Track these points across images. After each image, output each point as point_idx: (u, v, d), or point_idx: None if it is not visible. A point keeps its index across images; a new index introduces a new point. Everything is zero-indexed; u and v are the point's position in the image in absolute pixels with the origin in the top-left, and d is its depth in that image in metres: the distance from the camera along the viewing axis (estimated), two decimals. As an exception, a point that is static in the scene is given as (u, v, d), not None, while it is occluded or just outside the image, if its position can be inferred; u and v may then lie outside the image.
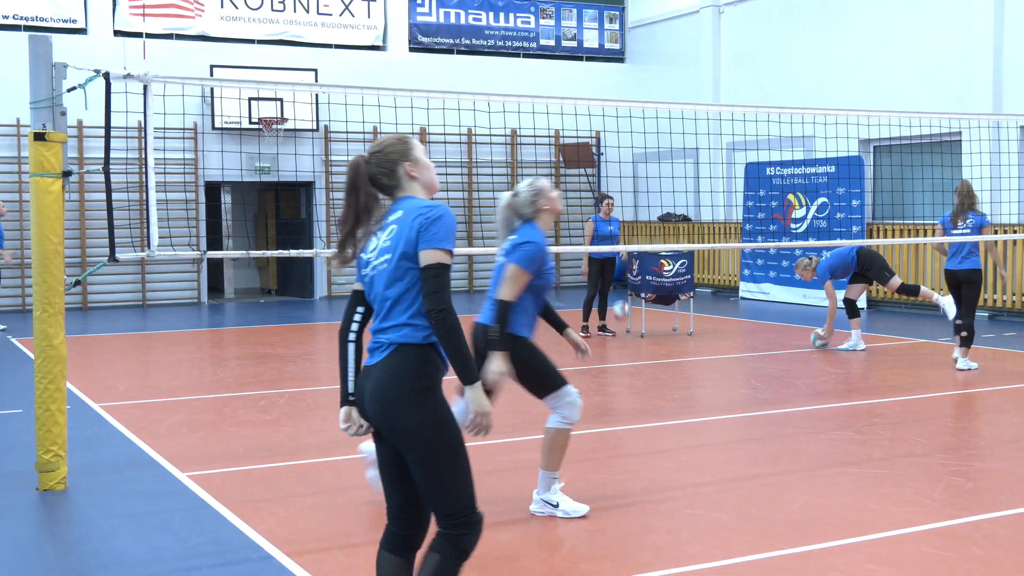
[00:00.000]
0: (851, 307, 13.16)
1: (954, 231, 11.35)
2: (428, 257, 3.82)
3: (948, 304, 11.61)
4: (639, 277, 14.70)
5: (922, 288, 12.78)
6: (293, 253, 9.47)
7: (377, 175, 4.06)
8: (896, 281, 12.78)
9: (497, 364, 5.78)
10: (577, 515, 6.13)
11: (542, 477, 6.22)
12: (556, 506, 6.16)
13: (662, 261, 14.66)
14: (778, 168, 19.52)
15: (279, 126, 19.85)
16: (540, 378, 6.12)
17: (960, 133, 16.62)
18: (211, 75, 19.02)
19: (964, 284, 11.34)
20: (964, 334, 11.37)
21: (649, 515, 6.22)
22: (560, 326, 6.36)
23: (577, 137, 22.02)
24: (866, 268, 13.09)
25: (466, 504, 3.89)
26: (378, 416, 3.93)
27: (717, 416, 9.25)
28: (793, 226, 19.19)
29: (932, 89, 17.31)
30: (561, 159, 22.99)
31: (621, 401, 10.31)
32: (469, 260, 22.34)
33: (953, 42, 17.23)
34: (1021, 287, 15.86)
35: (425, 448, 3.82)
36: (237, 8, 20.82)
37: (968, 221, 11.32)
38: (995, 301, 16.23)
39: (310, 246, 20.75)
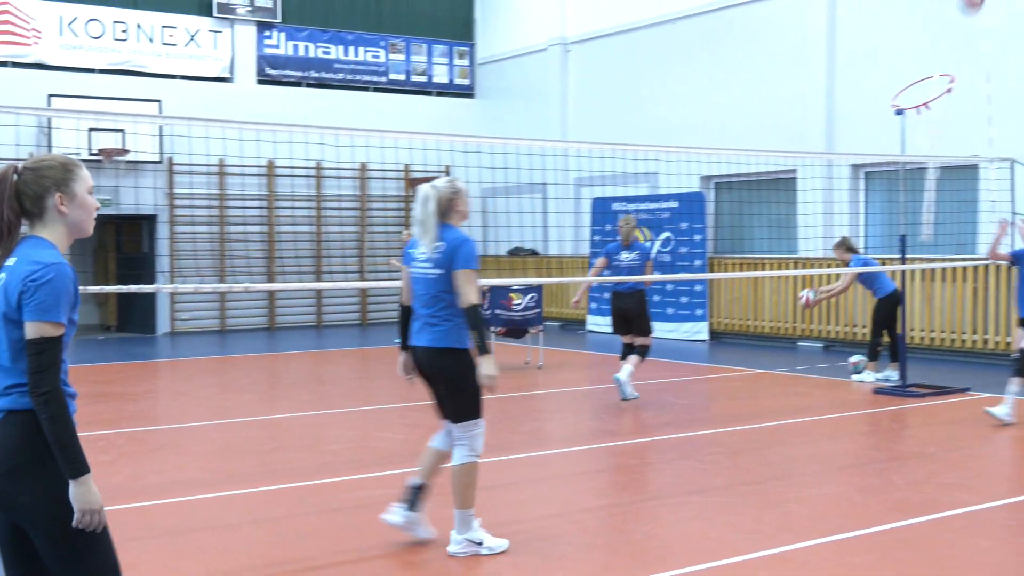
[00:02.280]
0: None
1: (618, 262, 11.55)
2: (31, 330, 3.25)
3: None
4: (489, 311, 14.78)
5: None
6: (134, 288, 9.16)
7: (22, 195, 3.43)
8: None
9: (488, 367, 5.78)
10: (500, 550, 6.03)
11: (459, 517, 6.02)
12: (480, 544, 6.01)
13: (511, 295, 14.80)
14: (624, 203, 19.93)
15: (120, 158, 19.35)
16: (470, 400, 6.00)
17: (795, 171, 17.26)
18: (48, 104, 18.44)
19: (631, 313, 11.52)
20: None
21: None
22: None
23: (427, 171, 22.08)
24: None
25: None
26: None
27: (564, 448, 9.35)
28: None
29: (769, 128, 17.96)
30: (411, 193, 23.00)
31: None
32: (318, 295, 22.12)
33: (789, 84, 17.93)
34: (851, 319, 16.51)
35: (50, 529, 3.34)
36: (77, 36, 20.28)
37: (635, 254, 11.51)
38: (829, 332, 16.86)
39: (152, 281, 20.24)
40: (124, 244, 22.35)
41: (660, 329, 18.93)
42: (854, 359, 13.61)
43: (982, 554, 6.04)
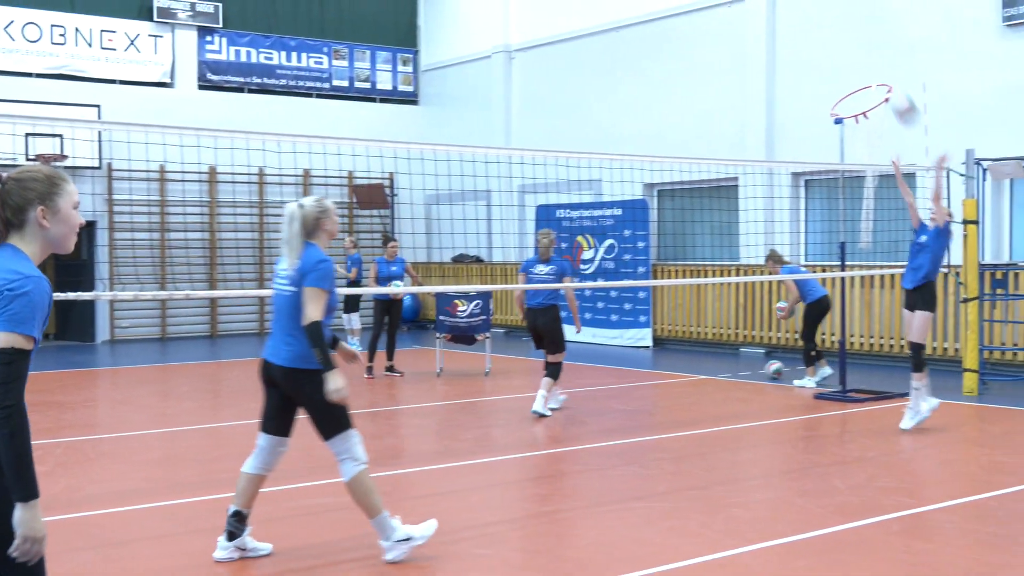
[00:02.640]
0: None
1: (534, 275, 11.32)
2: (1, 340, 3.13)
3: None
4: (438, 317, 14.87)
5: None
6: (72, 296, 9.02)
7: (4, 204, 3.32)
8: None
9: (334, 382, 5.76)
10: (431, 532, 6.10)
11: (376, 525, 5.98)
12: (410, 539, 5.99)
13: (456, 301, 14.81)
14: (568, 210, 20.00)
15: (58, 163, 19.07)
16: (335, 414, 5.94)
17: (737, 178, 17.43)
18: (-15, 109, 18.11)
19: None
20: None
21: (441, 556, 6.22)
22: (334, 340, 6.29)
23: (370, 178, 22.00)
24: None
25: None
26: None
27: (509, 455, 9.35)
28: (583, 267, 19.67)
29: (711, 136, 18.13)
30: (354, 200, 22.92)
31: (413, 442, 10.29)
32: (260, 302, 21.94)
33: (730, 93, 18.11)
34: (793, 325, 16.68)
35: None
36: (14, 40, 19.98)
37: (550, 268, 11.30)
38: (770, 338, 17.02)
39: (91, 288, 19.96)
40: (62, 251, 21.99)
41: (604, 336, 19.04)
42: (772, 367, 13.87)
43: (921, 556, 6.13)
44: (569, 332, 12.18)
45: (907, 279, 10.49)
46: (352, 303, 19.12)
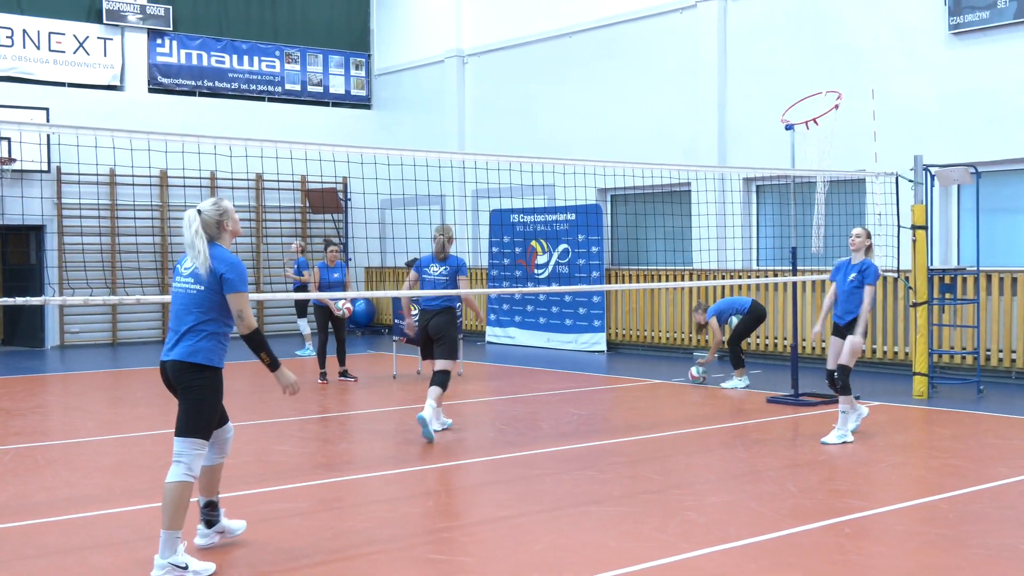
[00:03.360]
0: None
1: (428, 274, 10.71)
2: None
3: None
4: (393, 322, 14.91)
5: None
6: (20, 301, 8.84)
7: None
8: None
9: (285, 377, 6.13)
10: (210, 571, 5.87)
11: (165, 538, 5.82)
12: (185, 568, 5.80)
13: (411, 305, 14.77)
14: (521, 215, 20.02)
15: (6, 167, 18.81)
16: (200, 418, 6.00)
17: (689, 184, 17.53)
18: (-71, 111, 17.82)
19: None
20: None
21: (396, 561, 6.20)
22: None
23: (323, 183, 21.89)
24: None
25: None
26: None
27: (463, 460, 9.34)
28: (537, 271, 19.70)
29: (663, 141, 18.23)
30: (307, 204, 22.80)
31: (367, 447, 10.25)
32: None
33: (682, 98, 18.22)
34: (762, 330, 16.80)
35: None
36: (-41, 42, 19.69)
37: (444, 268, 10.62)
38: (723, 343, 17.11)
39: (40, 293, 19.68)
40: (10, 255, 21.70)
41: (558, 340, 19.08)
42: (694, 371, 14.06)
43: (873, 558, 6.20)
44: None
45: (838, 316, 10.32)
46: (301, 308, 19.03)
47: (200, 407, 6.00)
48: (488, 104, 22.01)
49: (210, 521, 6.39)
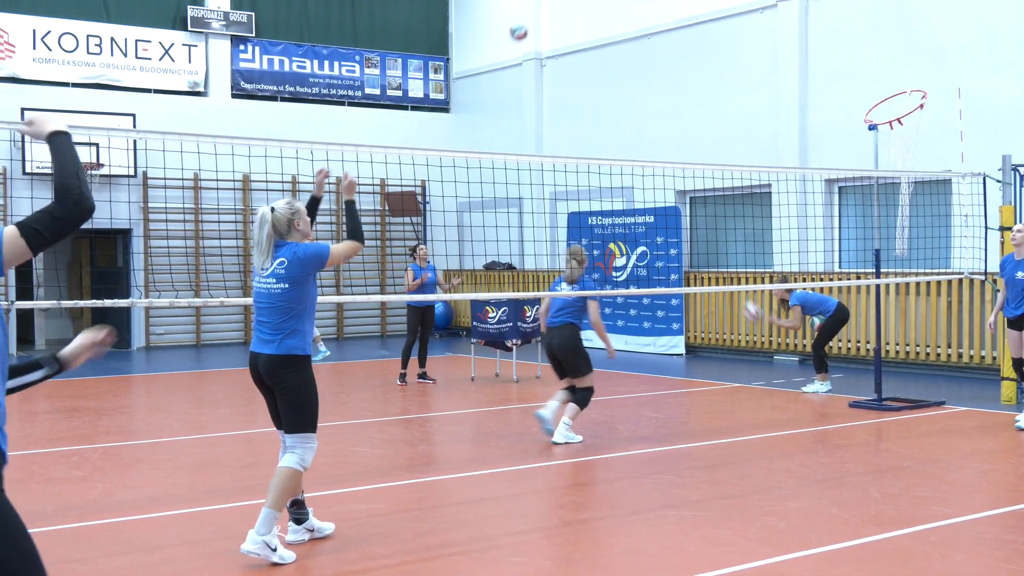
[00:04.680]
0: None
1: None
2: None
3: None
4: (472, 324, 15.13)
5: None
6: (108, 303, 9.02)
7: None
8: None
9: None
10: (288, 562, 6.09)
11: (265, 517, 6.05)
12: (274, 550, 6.05)
13: (486, 308, 14.88)
14: (599, 218, 19.97)
15: (94, 171, 19.24)
16: (305, 412, 6.17)
17: (770, 185, 17.34)
18: (22, 118, 18.31)
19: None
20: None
21: (475, 563, 6.21)
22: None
23: (402, 186, 22.04)
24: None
25: None
26: None
27: (542, 463, 9.33)
28: (615, 274, 19.64)
29: (743, 143, 18.05)
30: (386, 208, 22.98)
31: (446, 449, 10.30)
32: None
33: (762, 99, 18.04)
34: (844, 333, 16.57)
35: None
36: (51, 50, 20.19)
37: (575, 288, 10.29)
38: (805, 346, 16.92)
39: (127, 295, 20.11)
40: (98, 258, 22.21)
41: (636, 343, 19.00)
42: (751, 308, 13.59)
43: (959, 567, 6.07)
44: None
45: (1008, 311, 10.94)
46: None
47: (302, 402, 6.18)
48: (566, 106, 21.99)
49: (299, 519, 6.53)
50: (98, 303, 8.58)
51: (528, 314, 14.90)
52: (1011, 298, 10.85)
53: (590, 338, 11.55)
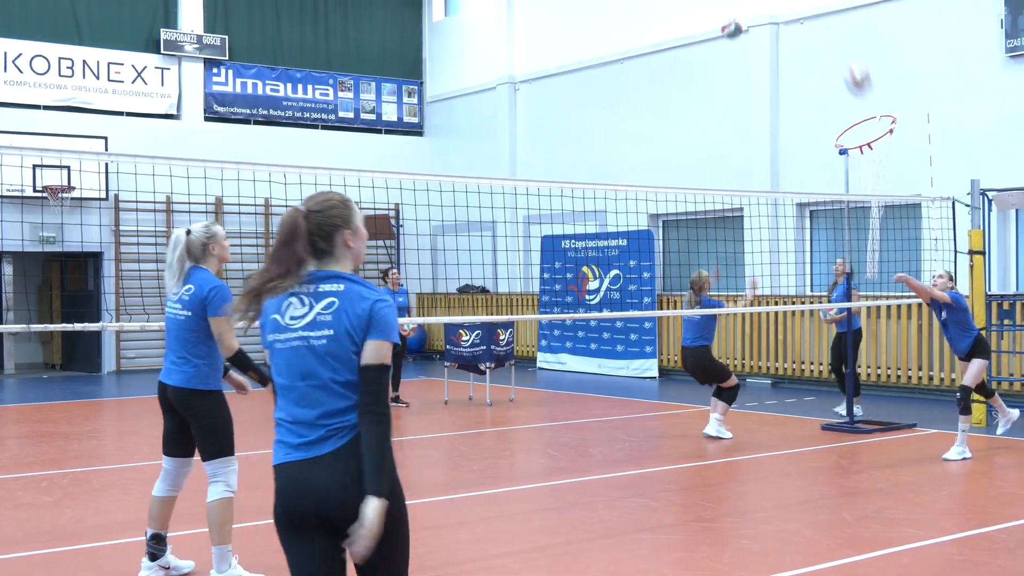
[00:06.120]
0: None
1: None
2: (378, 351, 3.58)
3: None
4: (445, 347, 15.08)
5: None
6: (78, 327, 8.97)
7: (314, 235, 3.58)
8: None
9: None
10: None
11: (217, 554, 5.98)
12: None
13: (460, 331, 14.86)
14: (573, 241, 20.01)
15: (65, 195, 19.13)
16: (220, 438, 6.05)
17: (742, 209, 17.43)
18: (-9, 140, 18.17)
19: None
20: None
21: (448, 589, 6.19)
22: (225, 369, 6.33)
23: (375, 209, 22.03)
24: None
25: None
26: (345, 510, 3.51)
27: (515, 486, 9.31)
28: (588, 297, 19.66)
29: (716, 167, 18.15)
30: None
31: (418, 473, 10.25)
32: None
33: (734, 123, 18.15)
34: (799, 355, 16.67)
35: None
36: (22, 72, 20.10)
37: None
38: (776, 368, 16.98)
39: (98, 319, 19.97)
40: (69, 282, 22.05)
41: (609, 366, 19.01)
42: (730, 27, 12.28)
43: (932, 589, 6.09)
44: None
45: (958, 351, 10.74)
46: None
47: (215, 428, 6.06)
48: (540, 130, 22.06)
49: (154, 554, 6.26)
50: (68, 327, 8.52)
51: (502, 337, 14.90)
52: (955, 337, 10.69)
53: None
